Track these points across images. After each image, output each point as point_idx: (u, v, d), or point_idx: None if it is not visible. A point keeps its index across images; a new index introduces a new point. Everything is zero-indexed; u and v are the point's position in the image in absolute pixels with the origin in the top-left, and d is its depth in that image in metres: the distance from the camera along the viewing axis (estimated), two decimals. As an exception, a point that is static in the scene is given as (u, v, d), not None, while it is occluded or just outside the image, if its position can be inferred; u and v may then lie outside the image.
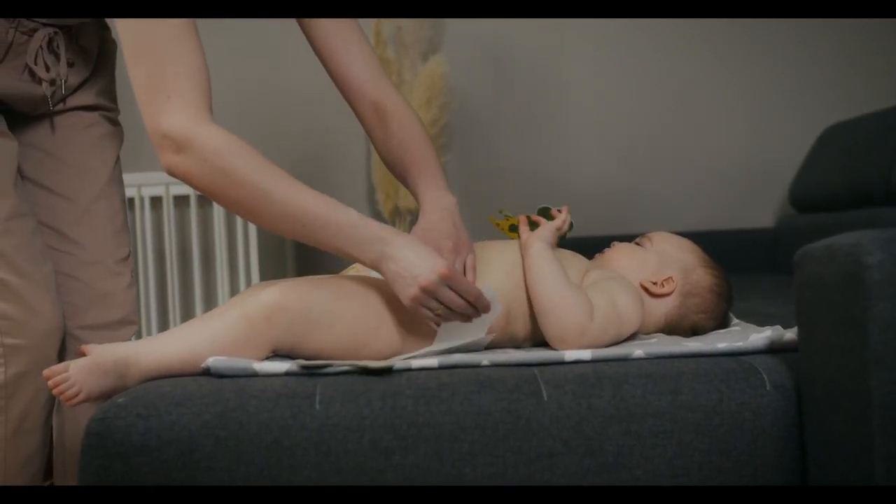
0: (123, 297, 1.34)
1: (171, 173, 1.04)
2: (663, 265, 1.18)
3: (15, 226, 1.20)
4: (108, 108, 1.37)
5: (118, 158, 1.37)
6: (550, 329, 1.05)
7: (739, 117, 2.83)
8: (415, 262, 1.00)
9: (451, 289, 0.99)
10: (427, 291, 0.99)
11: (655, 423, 0.90)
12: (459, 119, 2.75)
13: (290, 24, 1.31)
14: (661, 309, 1.16)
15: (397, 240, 1.02)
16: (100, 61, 1.34)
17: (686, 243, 1.22)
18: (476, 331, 1.05)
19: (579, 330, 1.03)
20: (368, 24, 2.60)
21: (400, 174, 1.28)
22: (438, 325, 1.03)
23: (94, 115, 1.34)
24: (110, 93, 1.38)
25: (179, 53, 1.03)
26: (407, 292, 1.00)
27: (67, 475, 1.33)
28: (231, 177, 1.01)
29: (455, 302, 1.00)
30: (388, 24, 2.61)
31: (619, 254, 1.21)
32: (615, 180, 2.81)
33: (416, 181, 1.24)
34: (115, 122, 1.38)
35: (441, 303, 1.00)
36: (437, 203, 1.19)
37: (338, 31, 1.26)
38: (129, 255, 1.38)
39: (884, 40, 2.78)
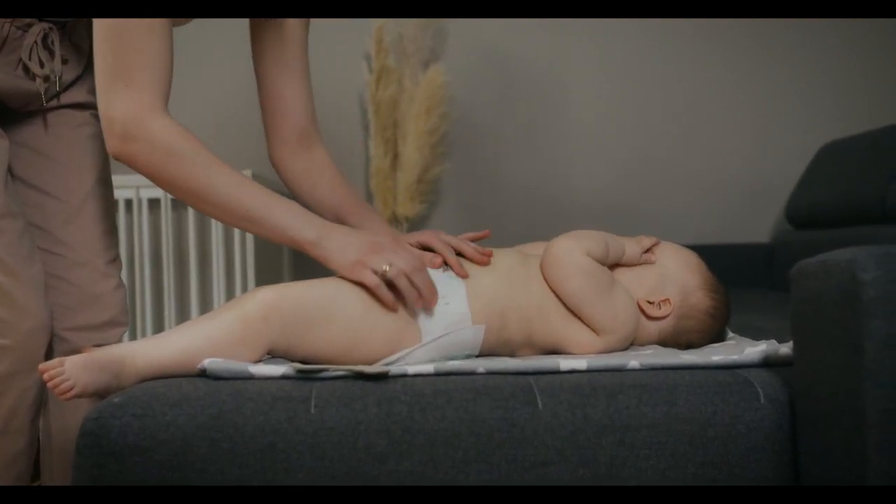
0: (112, 298, 1.33)
1: (116, 157, 1.08)
2: (663, 284, 1.16)
3: (4, 225, 1.20)
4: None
5: (108, 159, 1.37)
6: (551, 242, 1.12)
7: (738, 132, 2.84)
8: (363, 234, 1.08)
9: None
10: (379, 250, 1.04)
11: (649, 435, 0.90)
12: (459, 129, 2.76)
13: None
14: (655, 326, 1.16)
15: (340, 226, 1.10)
16: (91, 58, 1.34)
17: (692, 260, 1.19)
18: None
19: (574, 241, 1.09)
20: (370, 31, 2.60)
21: (330, 208, 1.31)
22: (377, 287, 1.03)
23: (85, 115, 1.34)
24: None
25: (147, 43, 1.06)
26: (356, 251, 1.04)
27: (55, 475, 1.32)
28: (179, 168, 1.06)
29: (408, 262, 1.03)
30: (390, 33, 2.62)
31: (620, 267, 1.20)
32: (613, 193, 2.82)
33: (361, 216, 1.31)
34: None
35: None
36: (388, 230, 1.28)
37: (292, 47, 1.29)
38: (117, 257, 1.37)
39: (883, 58, 2.79)
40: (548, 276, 1.11)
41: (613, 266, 1.17)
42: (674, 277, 1.17)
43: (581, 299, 1.09)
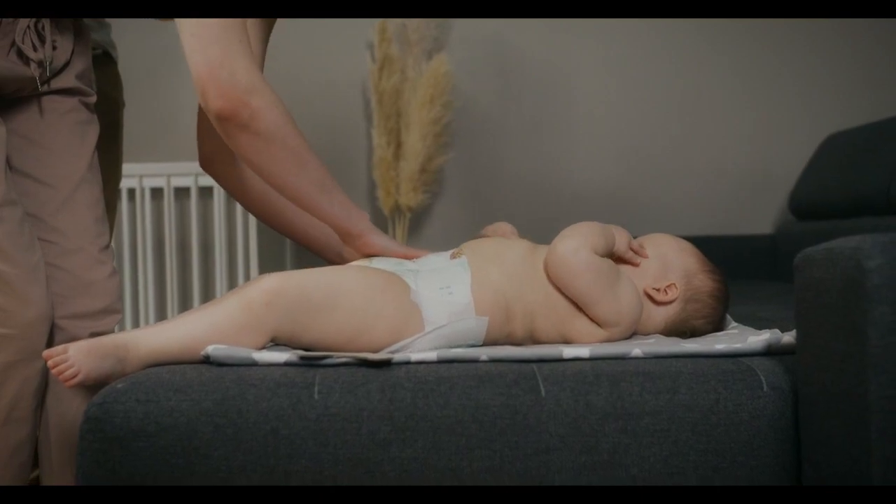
0: (106, 285, 1.32)
1: (230, 113, 1.11)
2: (666, 271, 1.17)
3: (5, 213, 1.19)
4: (86, 94, 1.36)
5: (95, 146, 1.36)
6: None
7: (741, 124, 2.83)
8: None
9: None
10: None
11: (652, 422, 0.91)
12: (462, 118, 2.76)
13: (294, 22, 1.31)
14: (661, 314, 1.16)
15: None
16: (77, 44, 1.33)
17: (686, 246, 1.21)
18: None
19: (578, 239, 1.08)
20: (373, 21, 2.60)
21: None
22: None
23: (74, 101, 1.33)
24: (87, 77, 1.37)
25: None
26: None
27: (54, 467, 1.32)
28: (292, 128, 1.16)
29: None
30: (394, 22, 2.61)
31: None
32: (616, 185, 2.82)
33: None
34: (91, 110, 1.37)
35: None
36: None
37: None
38: (109, 244, 1.36)
39: (887, 49, 2.78)
40: (554, 277, 1.10)
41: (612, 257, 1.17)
42: (674, 263, 1.18)
43: (589, 298, 1.09)
